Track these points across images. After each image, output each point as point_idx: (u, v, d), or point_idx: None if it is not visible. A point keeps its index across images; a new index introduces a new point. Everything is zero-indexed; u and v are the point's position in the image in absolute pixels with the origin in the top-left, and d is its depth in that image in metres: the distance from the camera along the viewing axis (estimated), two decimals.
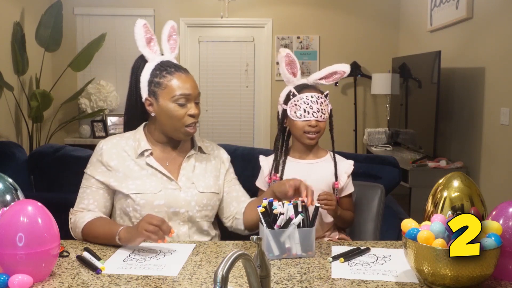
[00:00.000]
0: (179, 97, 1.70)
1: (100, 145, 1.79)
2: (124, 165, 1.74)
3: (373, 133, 5.11)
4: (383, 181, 2.23)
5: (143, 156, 1.75)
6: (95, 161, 1.77)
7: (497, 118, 3.34)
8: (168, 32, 1.83)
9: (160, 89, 1.72)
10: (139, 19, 1.79)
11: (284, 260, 1.50)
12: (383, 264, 1.48)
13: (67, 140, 5.30)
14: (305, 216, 1.55)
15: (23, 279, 1.26)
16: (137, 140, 1.77)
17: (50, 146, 2.65)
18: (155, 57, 1.78)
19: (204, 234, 1.79)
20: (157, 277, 1.36)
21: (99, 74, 5.48)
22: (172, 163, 1.78)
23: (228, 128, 5.67)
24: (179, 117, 1.71)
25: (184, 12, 5.55)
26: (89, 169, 1.77)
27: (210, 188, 1.79)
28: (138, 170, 1.74)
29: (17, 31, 4.59)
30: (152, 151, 1.76)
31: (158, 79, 1.73)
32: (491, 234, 1.25)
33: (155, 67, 1.75)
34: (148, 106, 1.75)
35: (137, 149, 1.75)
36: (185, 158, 1.80)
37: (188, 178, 1.77)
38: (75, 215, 1.72)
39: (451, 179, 1.43)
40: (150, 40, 1.79)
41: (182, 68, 1.77)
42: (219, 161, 1.88)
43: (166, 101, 1.71)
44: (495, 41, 3.40)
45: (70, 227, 1.71)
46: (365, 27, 5.57)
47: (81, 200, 1.75)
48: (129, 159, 1.75)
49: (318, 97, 1.85)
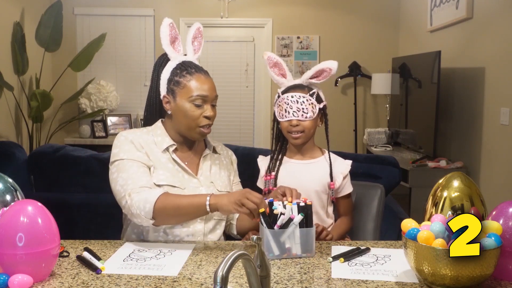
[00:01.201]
0: (196, 97, 1.71)
1: (124, 134, 1.76)
2: (154, 154, 1.74)
3: (373, 133, 5.11)
4: (383, 181, 2.23)
5: (168, 152, 1.76)
6: (128, 148, 1.71)
7: (497, 118, 3.34)
8: (194, 34, 1.84)
9: (179, 88, 1.74)
10: (166, 18, 1.79)
11: (284, 260, 1.50)
12: (383, 264, 1.48)
13: (67, 140, 5.30)
14: (305, 216, 1.55)
15: (23, 279, 1.26)
16: (159, 136, 1.78)
17: (50, 146, 2.64)
18: (178, 56, 1.80)
19: (214, 233, 1.80)
20: (157, 277, 1.36)
21: (99, 74, 5.48)
22: (190, 162, 1.80)
23: (228, 128, 5.67)
24: (195, 117, 1.72)
25: (184, 12, 5.54)
26: (126, 155, 1.69)
27: (226, 187, 1.83)
28: (165, 162, 1.74)
29: (17, 31, 4.59)
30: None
31: (178, 78, 1.74)
32: (491, 234, 1.25)
33: (176, 66, 1.77)
34: (166, 104, 1.77)
35: (161, 143, 1.76)
36: (201, 158, 1.82)
37: (206, 177, 1.80)
38: (138, 193, 1.61)
39: (451, 179, 1.43)
40: (174, 40, 1.81)
41: (203, 70, 1.79)
42: (229, 161, 1.92)
43: (183, 101, 1.72)
44: (495, 41, 3.40)
45: (135, 206, 1.59)
46: (365, 27, 5.57)
47: (137, 180, 1.65)
48: (156, 150, 1.75)
49: (299, 96, 1.84)
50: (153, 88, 1.82)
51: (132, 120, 5.59)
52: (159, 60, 1.83)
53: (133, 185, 1.64)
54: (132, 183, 1.65)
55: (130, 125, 5.55)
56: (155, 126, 1.82)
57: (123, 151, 1.72)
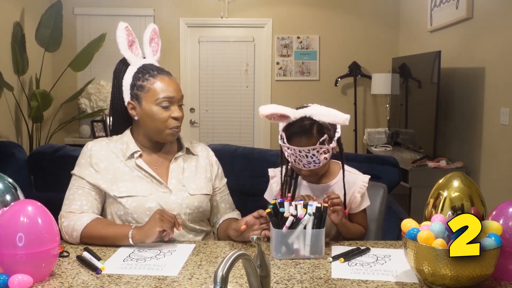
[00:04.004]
0: (163, 100, 1.68)
1: (89, 146, 1.76)
2: (114, 166, 1.72)
3: (373, 133, 5.11)
4: (383, 181, 2.23)
5: (133, 158, 1.73)
6: (84, 162, 1.74)
7: (497, 118, 3.34)
8: (150, 35, 1.80)
9: (143, 92, 1.70)
10: (121, 21, 1.76)
11: (284, 260, 1.50)
12: (383, 264, 1.48)
13: (67, 140, 5.30)
14: (318, 218, 1.53)
15: (23, 279, 1.26)
16: (125, 143, 1.75)
17: (50, 146, 2.64)
18: (137, 60, 1.76)
19: (198, 232, 1.78)
20: (157, 277, 1.36)
21: (99, 74, 5.48)
22: (160, 166, 1.77)
23: (228, 128, 5.67)
24: (163, 120, 1.69)
25: (184, 12, 5.54)
26: (77, 171, 1.73)
27: (201, 190, 1.78)
28: (128, 172, 1.71)
29: (17, 31, 4.58)
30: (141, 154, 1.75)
31: (141, 82, 1.71)
32: (491, 234, 1.25)
33: (137, 70, 1.73)
34: (131, 110, 1.73)
35: (125, 151, 1.73)
36: (172, 160, 1.78)
37: (178, 180, 1.75)
38: (67, 218, 1.65)
39: (451, 179, 1.43)
40: (132, 43, 1.77)
41: (165, 71, 1.75)
42: (208, 162, 1.86)
43: (150, 104, 1.69)
44: (495, 41, 3.40)
45: (64, 231, 1.63)
46: (365, 27, 5.57)
47: (72, 202, 1.69)
48: (118, 161, 1.73)
49: (308, 150, 1.63)
50: (115, 95, 1.78)
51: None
52: (118, 66, 1.79)
53: (67, 207, 1.69)
54: (67, 204, 1.70)
55: None
56: (123, 134, 1.80)
57: (78, 165, 1.75)
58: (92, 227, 1.62)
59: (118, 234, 1.59)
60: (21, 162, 2.58)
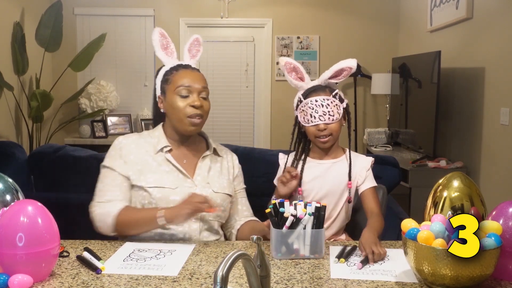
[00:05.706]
0: (180, 88, 1.76)
1: (119, 139, 1.83)
2: (143, 159, 1.78)
3: (373, 133, 5.11)
4: (383, 181, 2.23)
5: (162, 152, 1.79)
6: (114, 154, 1.80)
7: (497, 118, 3.34)
8: (190, 43, 1.92)
9: (167, 85, 1.79)
10: (156, 27, 1.88)
11: (284, 260, 1.50)
12: (382, 264, 1.48)
13: (67, 140, 5.30)
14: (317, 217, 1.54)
15: (23, 279, 1.26)
16: (156, 137, 1.82)
17: (50, 146, 2.64)
18: (171, 61, 1.86)
19: (213, 233, 1.80)
20: (157, 277, 1.36)
21: (99, 74, 5.48)
22: (188, 162, 1.82)
23: (228, 128, 5.66)
24: (181, 108, 1.75)
25: (184, 12, 5.54)
26: (108, 162, 1.79)
27: (224, 189, 1.83)
28: (156, 165, 1.77)
29: (17, 31, 4.58)
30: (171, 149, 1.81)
31: (167, 76, 1.80)
32: (491, 234, 1.25)
33: (169, 69, 1.83)
34: (160, 104, 1.83)
35: (156, 145, 1.80)
36: (200, 158, 1.84)
37: (203, 177, 1.80)
38: (100, 206, 1.73)
39: (451, 179, 1.43)
40: (166, 46, 1.86)
41: (192, 67, 1.84)
42: (231, 165, 1.92)
43: (171, 94, 1.77)
44: (495, 41, 3.40)
45: (97, 219, 1.71)
46: (365, 27, 5.57)
47: (105, 193, 1.75)
48: (147, 154, 1.79)
49: (323, 99, 1.82)
50: (154, 94, 1.88)
51: (132, 120, 5.59)
52: (158, 69, 1.89)
53: (100, 197, 1.76)
54: (100, 194, 1.76)
55: (130, 125, 5.55)
56: (155, 128, 1.87)
57: (109, 157, 1.80)
58: (126, 212, 1.69)
59: (148, 216, 1.64)
60: (21, 162, 2.58)
